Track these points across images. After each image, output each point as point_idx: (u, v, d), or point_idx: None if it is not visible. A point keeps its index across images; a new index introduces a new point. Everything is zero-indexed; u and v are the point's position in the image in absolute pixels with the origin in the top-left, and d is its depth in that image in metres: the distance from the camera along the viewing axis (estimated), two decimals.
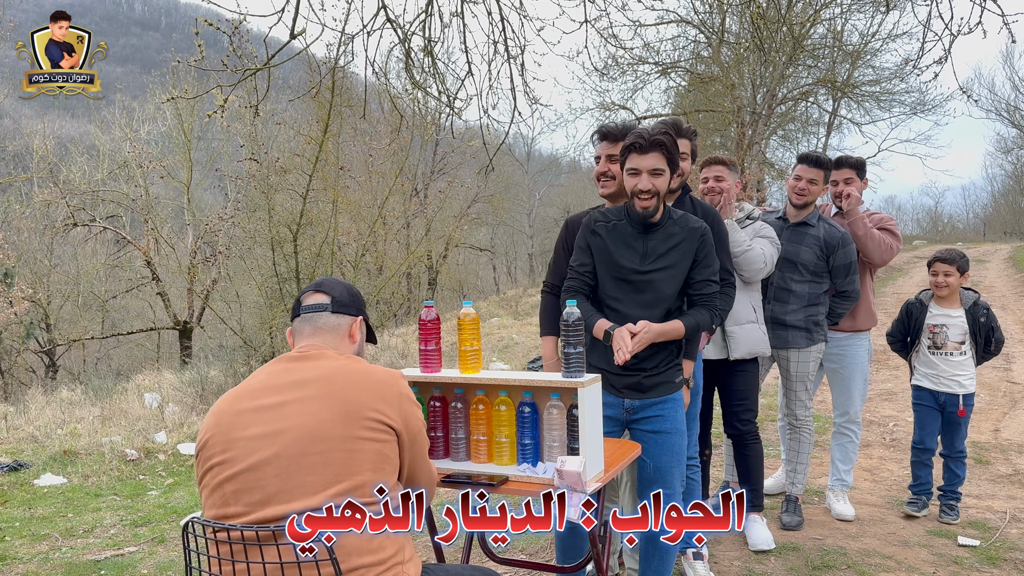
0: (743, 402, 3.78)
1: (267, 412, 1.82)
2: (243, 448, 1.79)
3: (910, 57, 15.24)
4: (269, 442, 1.77)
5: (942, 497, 4.17)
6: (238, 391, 1.92)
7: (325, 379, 1.86)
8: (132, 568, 3.90)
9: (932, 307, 4.15)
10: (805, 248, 3.89)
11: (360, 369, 1.91)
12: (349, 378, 1.87)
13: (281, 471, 1.74)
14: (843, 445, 4.27)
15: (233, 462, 1.78)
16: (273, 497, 1.73)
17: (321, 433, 1.77)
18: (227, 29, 4.71)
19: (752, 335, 3.68)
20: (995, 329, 4.07)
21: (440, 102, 5.61)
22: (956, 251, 4.11)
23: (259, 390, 1.88)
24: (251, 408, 1.84)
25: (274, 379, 1.90)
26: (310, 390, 1.84)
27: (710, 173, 3.77)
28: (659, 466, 2.72)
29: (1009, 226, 37.29)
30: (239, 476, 1.76)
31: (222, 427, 1.84)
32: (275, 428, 1.79)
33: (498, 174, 22.14)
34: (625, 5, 8.61)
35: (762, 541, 3.77)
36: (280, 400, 1.84)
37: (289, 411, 1.81)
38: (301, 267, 10.58)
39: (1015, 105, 31.81)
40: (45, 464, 6.42)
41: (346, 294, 2.11)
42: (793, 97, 19.84)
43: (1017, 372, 7.94)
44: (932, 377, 4.17)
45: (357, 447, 1.78)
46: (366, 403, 1.83)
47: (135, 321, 22.35)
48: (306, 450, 1.76)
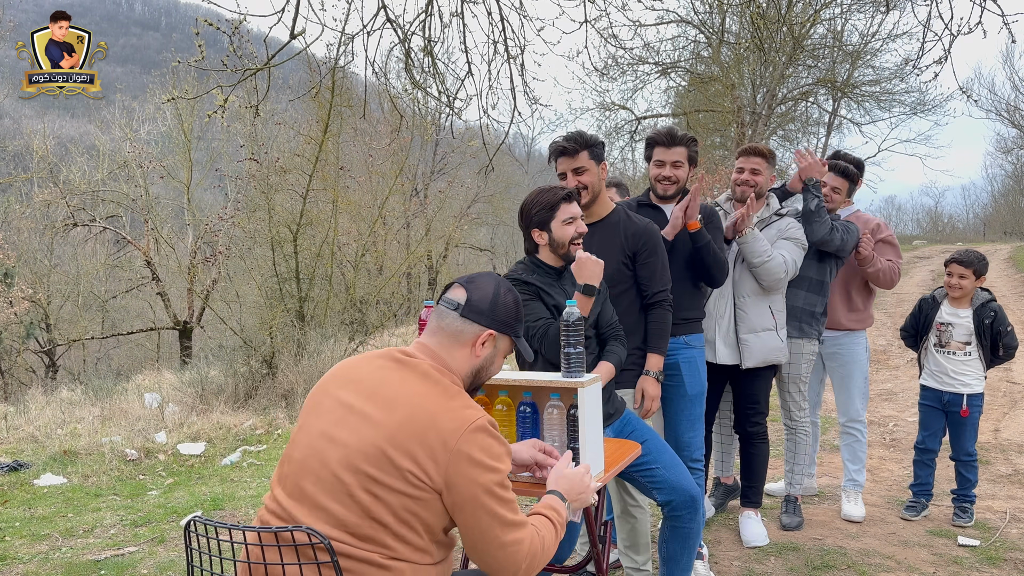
0: (755, 405, 3.80)
1: (339, 411, 1.79)
2: (305, 437, 1.81)
3: (910, 57, 15.23)
4: (321, 446, 1.76)
5: (955, 500, 4.16)
6: (348, 366, 1.89)
7: (395, 404, 1.73)
8: (132, 568, 3.90)
9: (944, 305, 4.14)
10: None
11: (434, 408, 1.71)
12: (414, 413, 1.70)
13: (320, 484, 1.73)
14: (850, 445, 4.27)
15: (296, 445, 1.82)
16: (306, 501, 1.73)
17: (356, 465, 1.69)
18: (227, 29, 4.70)
19: (768, 343, 3.65)
20: (1002, 333, 4.01)
21: (440, 102, 5.61)
22: (975, 253, 4.07)
23: (354, 380, 1.83)
24: (335, 396, 1.82)
25: (370, 373, 1.82)
26: (377, 409, 1.73)
27: (747, 164, 3.69)
28: (666, 463, 2.77)
29: (1009, 226, 37.26)
30: (293, 462, 1.79)
31: (315, 399, 1.86)
32: (332, 434, 1.76)
33: (498, 174, 22.12)
34: (625, 5, 8.61)
35: (755, 537, 3.77)
36: (354, 403, 1.78)
37: (351, 422, 1.75)
38: (301, 267, 10.57)
39: (1015, 105, 31.80)
40: (45, 464, 6.42)
41: (487, 300, 1.89)
42: (793, 97, 19.85)
43: (1017, 372, 7.94)
44: (937, 375, 4.16)
45: (381, 494, 1.67)
46: (408, 450, 1.67)
47: (135, 321, 22.33)
48: (341, 476, 1.69)
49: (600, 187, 3.09)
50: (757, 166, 3.67)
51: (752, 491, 3.91)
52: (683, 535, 2.80)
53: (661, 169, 3.39)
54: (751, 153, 3.71)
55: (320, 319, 10.90)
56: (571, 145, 3.05)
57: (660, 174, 3.40)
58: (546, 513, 1.88)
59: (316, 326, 10.54)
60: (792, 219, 3.74)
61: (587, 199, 3.08)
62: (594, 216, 3.13)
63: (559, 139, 3.11)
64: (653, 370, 3.05)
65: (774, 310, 3.66)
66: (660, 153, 3.37)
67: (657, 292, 3.05)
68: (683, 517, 2.78)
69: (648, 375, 3.05)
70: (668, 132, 3.41)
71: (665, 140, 3.37)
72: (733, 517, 4.13)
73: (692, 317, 3.36)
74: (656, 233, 3.10)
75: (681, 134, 3.40)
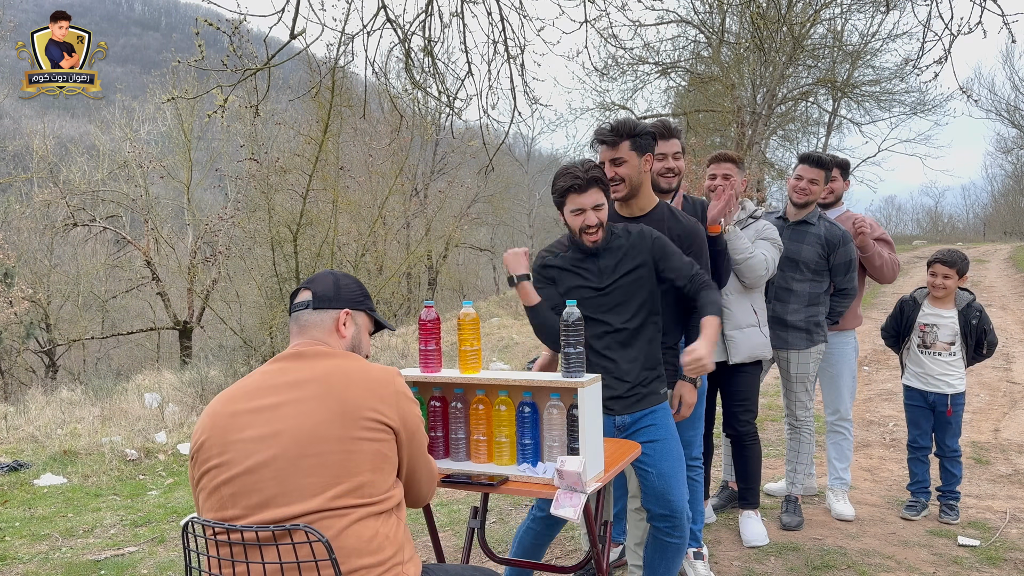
0: (743, 403, 3.79)
1: (263, 413, 1.80)
2: (240, 450, 1.77)
3: (910, 57, 15.23)
4: (266, 444, 1.76)
5: (941, 498, 4.16)
6: (232, 392, 1.90)
7: (321, 379, 1.84)
8: (132, 568, 3.90)
9: (925, 306, 4.14)
10: (807, 246, 3.89)
11: (356, 368, 1.88)
12: (345, 377, 1.85)
13: (279, 473, 1.73)
14: (838, 443, 4.28)
15: (230, 465, 1.76)
16: (272, 500, 1.72)
17: (318, 434, 1.75)
18: (227, 29, 4.70)
19: (753, 339, 3.66)
20: (987, 332, 4.04)
21: (440, 102, 5.61)
22: (957, 253, 4.09)
23: (254, 391, 1.86)
24: (247, 409, 1.82)
25: (270, 379, 1.88)
26: (306, 390, 1.82)
27: (718, 170, 3.71)
28: (662, 472, 2.72)
29: (1009, 226, 37.27)
30: (237, 479, 1.75)
31: (218, 429, 1.81)
32: (272, 430, 1.77)
33: (498, 174, 22.12)
34: (625, 5, 8.61)
35: (756, 537, 3.77)
36: (276, 401, 1.82)
37: (286, 412, 1.79)
38: (301, 267, 10.58)
39: (1015, 105, 31.82)
40: (45, 464, 6.42)
41: (331, 287, 2.04)
42: (793, 97, 19.85)
43: (1017, 372, 7.94)
44: (921, 376, 4.17)
45: (355, 447, 1.76)
46: (363, 403, 1.81)
47: (135, 321, 22.35)
48: (304, 452, 1.74)
49: (641, 179, 2.95)
50: (728, 171, 3.70)
51: (750, 492, 3.91)
52: (661, 547, 2.77)
53: (663, 162, 3.36)
54: (721, 160, 3.74)
55: None
56: (610, 137, 2.93)
57: (663, 167, 3.37)
58: None
59: None
60: (766, 221, 3.76)
61: (624, 192, 2.95)
62: (635, 210, 3.02)
63: (603, 125, 3.01)
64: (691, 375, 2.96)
65: (755, 308, 3.70)
66: (660, 146, 3.33)
67: None
68: (661, 529, 2.74)
69: (686, 380, 2.98)
70: (664, 124, 3.39)
71: (663, 132, 3.34)
72: (733, 517, 4.13)
73: None
74: (702, 233, 3.03)
75: (673, 125, 3.40)
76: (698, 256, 2.97)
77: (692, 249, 2.95)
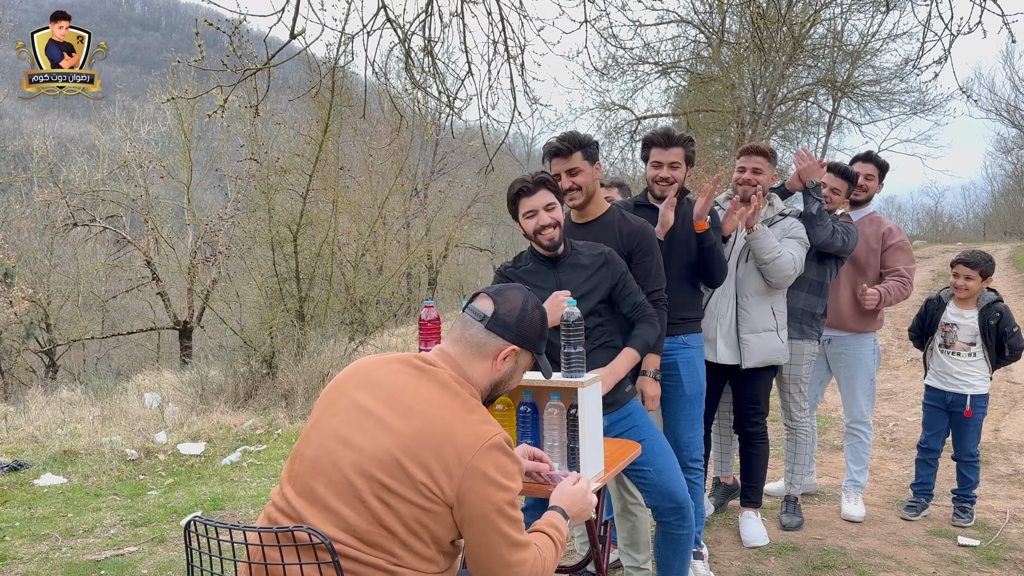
0: (755, 406, 3.79)
1: (355, 411, 1.77)
2: (318, 437, 1.78)
3: (910, 57, 15.23)
4: (334, 447, 1.74)
5: (955, 500, 4.15)
6: (365, 367, 1.86)
7: (412, 412, 1.72)
8: (132, 568, 3.90)
9: (950, 306, 4.13)
10: None
11: (451, 421, 1.70)
12: (431, 425, 1.69)
13: (332, 483, 1.71)
14: (853, 446, 4.27)
15: (309, 443, 1.79)
16: (319, 499, 1.71)
17: (368, 471, 1.68)
18: (227, 29, 4.70)
19: (769, 344, 3.64)
20: (1008, 334, 3.98)
21: (440, 102, 5.60)
22: (981, 254, 4.05)
23: (371, 382, 1.81)
24: (351, 396, 1.80)
25: (388, 377, 1.81)
26: (394, 416, 1.72)
27: (748, 164, 3.66)
28: (660, 467, 2.75)
29: (1009, 226, 37.26)
30: (305, 460, 1.77)
31: (329, 397, 1.84)
32: (347, 436, 1.74)
33: (498, 174, 22.09)
34: (625, 5, 8.61)
35: (755, 537, 3.78)
36: (370, 407, 1.76)
37: (367, 426, 1.73)
38: (301, 267, 10.57)
39: (1015, 105, 31.81)
40: (45, 464, 6.42)
41: (514, 315, 1.88)
42: (793, 97, 19.85)
43: (1017, 372, 7.94)
44: (941, 376, 4.15)
45: (392, 502, 1.66)
46: (423, 462, 1.66)
47: (135, 321, 22.33)
48: (353, 480, 1.69)
49: (594, 187, 3.08)
50: (759, 165, 3.65)
51: (752, 491, 3.91)
52: (673, 541, 2.80)
53: (658, 170, 3.37)
54: (753, 152, 3.68)
55: (320, 319, 10.90)
56: (564, 146, 3.03)
57: (657, 175, 3.38)
58: (548, 532, 1.88)
59: (316, 326, 10.55)
60: (794, 219, 3.73)
61: (581, 200, 3.06)
62: (588, 215, 3.12)
63: (552, 140, 3.10)
64: (650, 369, 3.04)
65: (776, 310, 3.66)
66: (657, 154, 3.35)
67: (652, 291, 3.03)
68: (671, 523, 2.78)
69: (646, 375, 3.04)
70: (665, 133, 3.39)
71: (662, 141, 3.34)
72: (733, 517, 4.13)
73: (690, 317, 3.35)
74: (651, 232, 3.09)
75: (678, 135, 3.37)
76: (646, 253, 3.03)
77: (640, 247, 3.02)
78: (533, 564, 1.75)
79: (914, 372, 8.06)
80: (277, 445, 7.10)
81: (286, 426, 7.81)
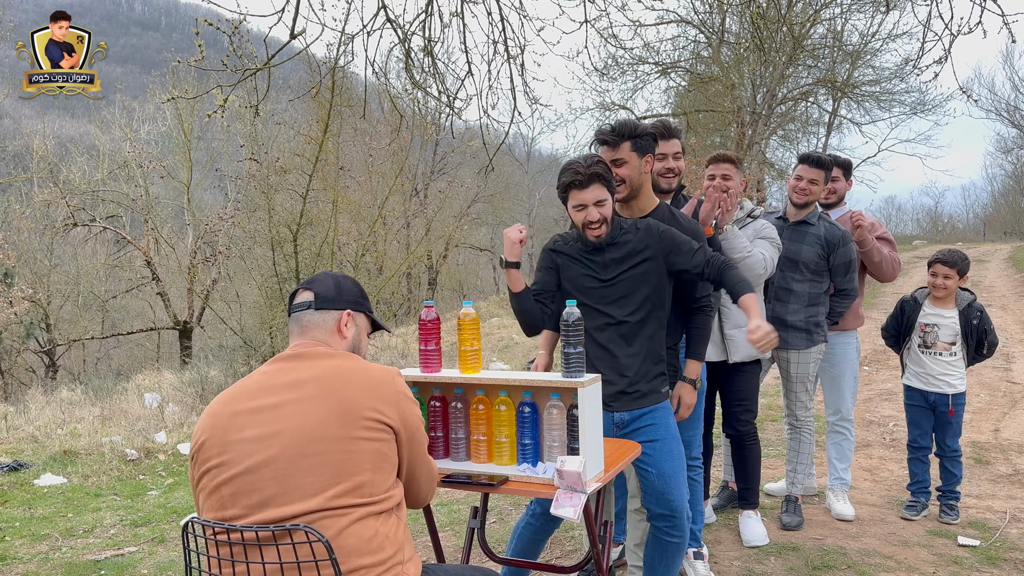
0: (743, 403, 3.79)
1: (263, 413, 1.81)
2: (240, 450, 1.77)
3: (910, 57, 15.22)
4: (266, 444, 1.76)
5: (941, 498, 4.16)
6: (233, 392, 1.90)
7: (321, 379, 1.84)
8: (132, 568, 3.90)
9: (926, 306, 4.14)
10: (807, 247, 3.88)
11: (356, 368, 1.89)
12: (345, 377, 1.85)
13: (279, 473, 1.74)
14: (838, 444, 4.28)
15: (230, 464, 1.77)
16: (272, 499, 1.72)
17: (318, 434, 1.76)
18: (227, 29, 4.70)
19: None
20: (988, 332, 4.04)
21: (440, 102, 5.61)
22: (958, 253, 4.08)
23: (255, 391, 1.86)
24: (247, 409, 1.82)
25: (270, 379, 1.88)
26: (306, 390, 1.82)
27: (717, 171, 3.66)
28: (663, 472, 2.71)
29: (1009, 226, 37.27)
30: (237, 479, 1.75)
31: (218, 429, 1.82)
32: (272, 430, 1.78)
33: (498, 174, 22.12)
34: (625, 5, 8.62)
35: (756, 537, 3.78)
36: (276, 401, 1.82)
37: (286, 412, 1.80)
38: (301, 267, 10.58)
39: (1015, 105, 31.83)
40: (45, 464, 6.42)
41: (332, 288, 2.05)
42: (793, 97, 19.84)
43: (1017, 372, 7.94)
44: (921, 376, 4.16)
45: (355, 447, 1.77)
46: (363, 402, 1.81)
47: (135, 321, 22.35)
48: (304, 451, 1.74)
49: (642, 180, 2.94)
50: (728, 171, 3.67)
51: (749, 492, 3.91)
52: (661, 546, 2.77)
53: (663, 162, 3.34)
54: (721, 160, 3.69)
55: None
56: (612, 137, 2.91)
57: (663, 167, 3.35)
58: None
59: None
60: (765, 220, 3.76)
61: (624, 193, 2.93)
62: (636, 212, 2.99)
63: (604, 126, 2.99)
64: (691, 376, 2.99)
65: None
66: (660, 146, 3.29)
67: (701, 297, 2.97)
68: (660, 528, 2.75)
69: (685, 381, 2.99)
70: (664, 124, 3.37)
71: (664, 132, 3.31)
72: (733, 517, 4.13)
73: None
74: (704, 236, 3.03)
75: (673, 125, 3.38)
76: None
77: None
78: None
79: None
80: None
81: None
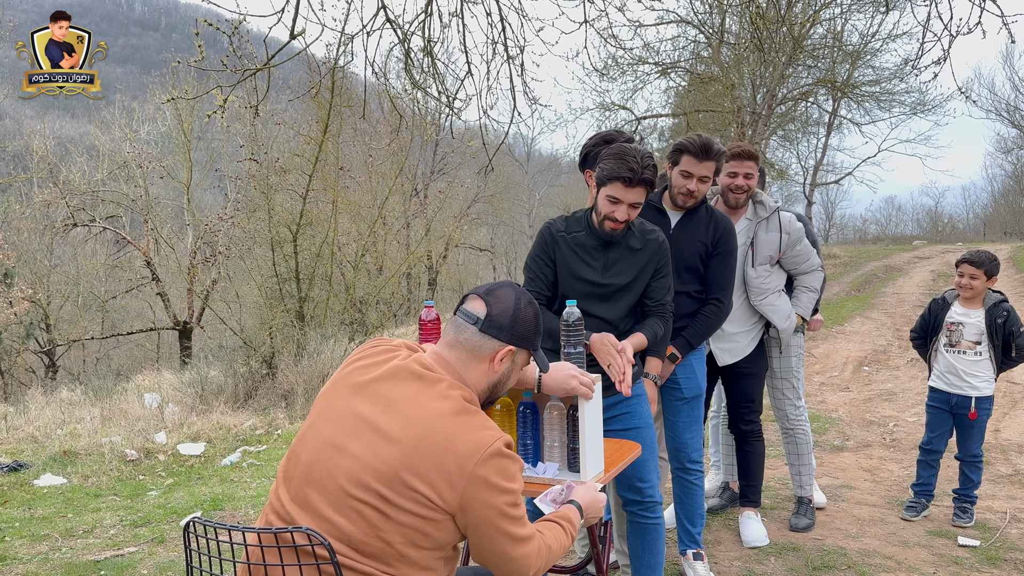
0: (748, 404, 3.80)
1: (350, 420, 1.75)
2: (313, 441, 1.77)
3: (910, 57, 15.22)
4: (329, 455, 1.73)
5: (956, 500, 4.14)
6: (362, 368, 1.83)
7: (411, 422, 1.69)
8: (132, 568, 3.90)
9: (954, 306, 4.12)
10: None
11: (451, 429, 1.68)
12: (430, 435, 1.67)
13: (325, 495, 1.70)
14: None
15: (304, 445, 1.78)
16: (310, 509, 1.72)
17: (366, 482, 1.67)
18: (227, 29, 4.71)
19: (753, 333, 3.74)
20: (1015, 334, 3.94)
21: (440, 102, 5.61)
22: (985, 253, 4.03)
23: (368, 387, 1.78)
24: (347, 404, 1.77)
25: (389, 381, 1.78)
26: (392, 425, 1.70)
27: (741, 169, 3.48)
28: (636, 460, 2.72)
29: (1009, 226, 37.25)
30: (300, 464, 1.77)
31: (326, 399, 1.83)
32: (342, 444, 1.72)
33: (498, 174, 22.11)
34: (625, 5, 8.62)
35: (756, 538, 3.77)
36: (367, 415, 1.74)
37: (364, 434, 1.71)
38: (301, 267, 10.58)
39: (1015, 105, 31.81)
40: (45, 464, 6.42)
41: (507, 315, 1.83)
42: (793, 97, 19.85)
43: (1017, 372, 7.93)
44: (946, 376, 4.10)
45: (392, 514, 1.66)
46: (422, 473, 1.64)
47: (135, 321, 22.33)
48: (349, 491, 1.68)
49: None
50: (751, 170, 3.49)
51: (751, 490, 3.90)
52: (639, 530, 2.81)
53: (687, 181, 3.14)
54: (745, 156, 3.48)
55: (320, 319, 10.91)
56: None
57: (686, 186, 3.15)
58: (559, 521, 1.92)
59: (316, 326, 10.55)
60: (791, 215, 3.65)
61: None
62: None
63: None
64: (652, 372, 3.01)
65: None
66: (689, 163, 3.12)
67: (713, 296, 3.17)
68: (634, 512, 2.80)
69: (648, 377, 3.01)
70: (704, 145, 3.11)
71: (698, 153, 3.10)
72: (733, 517, 4.13)
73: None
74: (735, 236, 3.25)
75: (716, 148, 3.12)
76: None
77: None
78: (537, 555, 1.77)
79: (914, 372, 8.06)
80: (277, 445, 7.10)
81: (286, 426, 7.81)
